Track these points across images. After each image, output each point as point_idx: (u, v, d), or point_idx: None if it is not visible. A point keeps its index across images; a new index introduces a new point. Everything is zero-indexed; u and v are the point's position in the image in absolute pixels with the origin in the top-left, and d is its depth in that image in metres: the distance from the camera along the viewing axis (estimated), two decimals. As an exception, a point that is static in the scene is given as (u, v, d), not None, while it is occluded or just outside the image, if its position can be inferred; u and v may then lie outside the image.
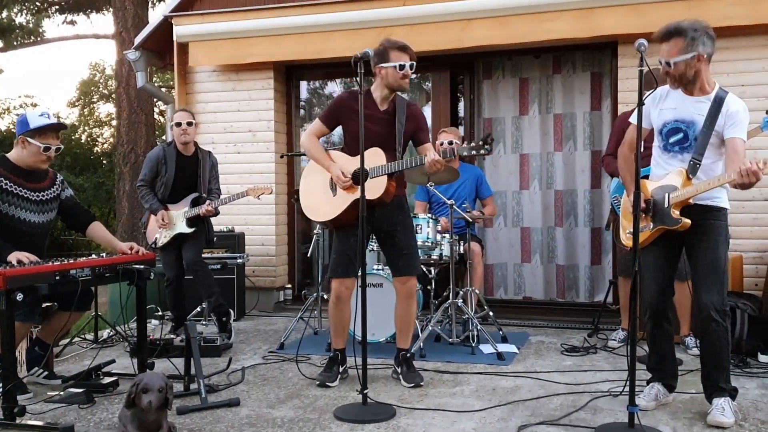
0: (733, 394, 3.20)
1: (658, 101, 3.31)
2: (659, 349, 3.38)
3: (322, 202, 3.91)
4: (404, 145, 3.92)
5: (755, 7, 5.02)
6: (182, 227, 4.98)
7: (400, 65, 3.75)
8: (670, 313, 3.39)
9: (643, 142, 3.18)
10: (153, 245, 5.11)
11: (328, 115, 3.95)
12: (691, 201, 3.15)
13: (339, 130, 4.03)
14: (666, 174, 3.26)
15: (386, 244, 3.98)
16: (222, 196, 5.07)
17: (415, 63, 3.83)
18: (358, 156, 3.79)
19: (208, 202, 4.93)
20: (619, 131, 4.17)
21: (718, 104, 3.14)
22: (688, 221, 3.14)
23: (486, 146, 3.59)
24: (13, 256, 3.45)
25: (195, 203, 5.01)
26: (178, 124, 4.98)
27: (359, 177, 3.72)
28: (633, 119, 3.33)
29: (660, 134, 3.30)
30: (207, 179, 5.09)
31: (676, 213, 3.16)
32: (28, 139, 3.71)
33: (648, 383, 3.45)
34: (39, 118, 3.74)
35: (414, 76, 7.09)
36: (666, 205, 3.18)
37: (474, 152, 3.63)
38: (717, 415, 3.10)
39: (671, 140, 3.24)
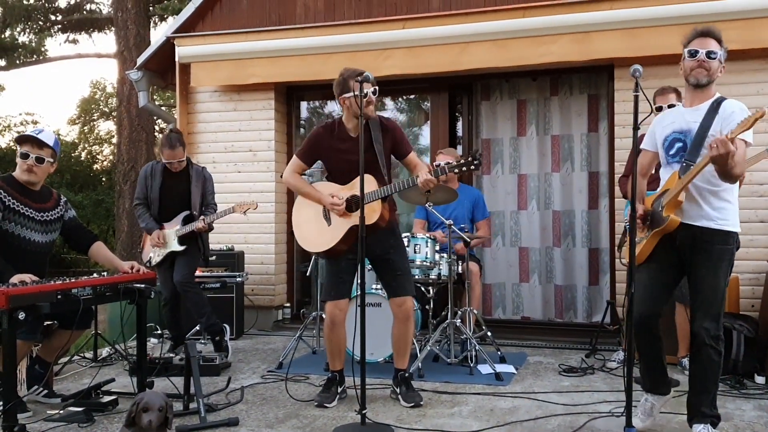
0: (715, 421, 3.12)
1: (661, 120, 3.35)
2: (647, 353, 3.29)
3: (318, 233, 3.92)
4: (388, 164, 3.93)
5: (749, 31, 5.09)
6: (174, 245, 5.00)
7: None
8: (661, 331, 3.28)
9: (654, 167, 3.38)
10: (147, 264, 5.12)
11: (306, 152, 3.99)
12: (680, 199, 3.08)
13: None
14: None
15: (381, 268, 4.01)
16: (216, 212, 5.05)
17: (377, 88, 3.78)
18: (347, 185, 3.84)
19: (201, 218, 4.94)
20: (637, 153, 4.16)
21: (715, 107, 3.11)
22: (677, 219, 3.10)
23: (475, 161, 3.68)
24: (16, 279, 3.46)
25: (186, 221, 5.01)
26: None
27: (353, 203, 3.76)
28: (644, 144, 3.38)
29: (663, 149, 3.28)
30: (200, 195, 5.08)
31: (666, 213, 3.12)
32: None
33: (642, 395, 3.40)
34: None
35: (413, 96, 7.26)
36: (660, 209, 3.18)
37: (464, 168, 3.71)
38: None
39: (671, 152, 3.23)
